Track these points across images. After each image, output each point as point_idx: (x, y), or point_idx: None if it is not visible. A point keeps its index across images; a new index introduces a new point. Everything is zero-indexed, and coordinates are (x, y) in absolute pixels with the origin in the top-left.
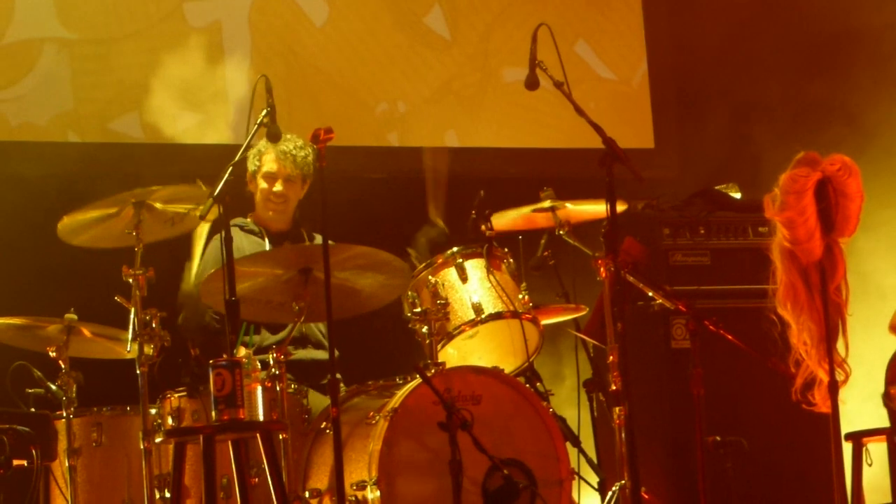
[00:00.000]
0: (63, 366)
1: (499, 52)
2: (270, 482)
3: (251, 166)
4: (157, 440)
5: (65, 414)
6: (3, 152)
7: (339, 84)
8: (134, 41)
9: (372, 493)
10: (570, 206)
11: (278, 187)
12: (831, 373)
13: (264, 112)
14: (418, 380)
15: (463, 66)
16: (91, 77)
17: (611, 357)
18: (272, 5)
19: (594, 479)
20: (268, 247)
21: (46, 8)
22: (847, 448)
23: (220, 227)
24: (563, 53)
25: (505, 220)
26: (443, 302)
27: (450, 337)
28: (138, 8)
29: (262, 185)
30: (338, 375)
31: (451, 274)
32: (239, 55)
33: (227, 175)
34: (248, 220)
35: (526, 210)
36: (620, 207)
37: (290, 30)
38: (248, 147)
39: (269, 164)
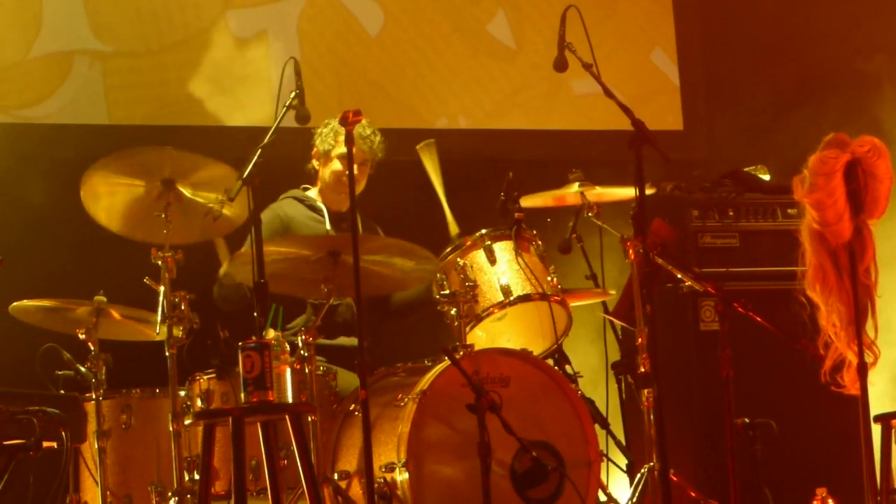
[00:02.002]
0: (92, 348)
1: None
2: (299, 464)
3: (324, 145)
4: (187, 422)
5: (94, 396)
6: (34, 134)
7: (395, 97)
8: (173, 53)
9: (401, 475)
10: (599, 189)
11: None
12: (860, 355)
13: (293, 94)
14: (447, 362)
15: (529, 76)
16: (126, 92)
17: (639, 339)
18: (323, 14)
19: (623, 461)
20: (328, 225)
21: (77, 18)
22: (876, 430)
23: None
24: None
25: (534, 200)
26: (471, 284)
27: (478, 319)
28: (177, 17)
29: (337, 166)
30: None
31: (479, 256)
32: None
33: (256, 157)
34: (310, 194)
35: (556, 193)
36: (648, 191)
37: (341, 39)
38: (277, 129)
39: (345, 147)
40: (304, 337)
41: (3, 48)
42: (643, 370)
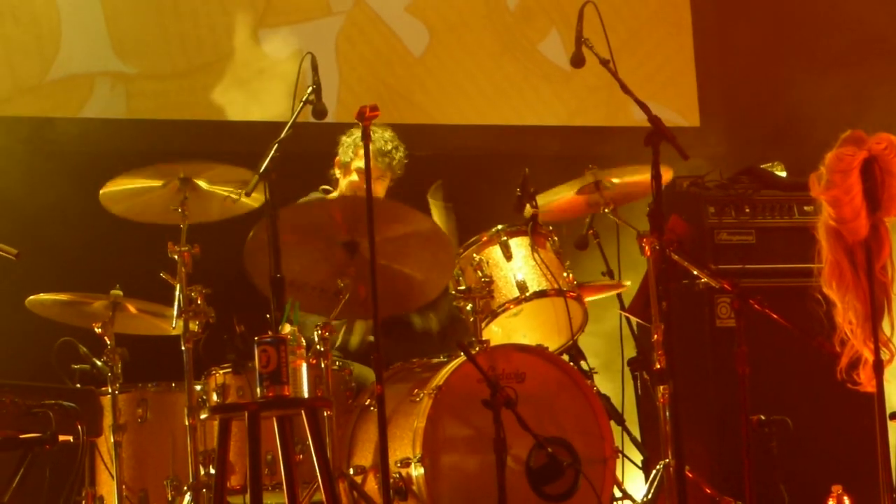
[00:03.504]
0: (108, 342)
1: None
2: (315, 459)
3: (345, 156)
4: (202, 416)
5: (110, 390)
6: (51, 127)
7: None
8: (202, 75)
9: (416, 471)
10: (615, 180)
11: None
12: (876, 352)
13: (309, 89)
14: (462, 357)
15: (585, 100)
16: (151, 116)
17: (655, 335)
18: (363, 32)
19: (638, 457)
20: None
21: (99, 38)
22: (892, 427)
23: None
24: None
25: (550, 207)
26: (487, 280)
27: (494, 315)
28: (207, 37)
29: (354, 177)
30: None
31: (495, 252)
32: (324, 89)
33: (272, 152)
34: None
35: (571, 188)
36: (666, 176)
37: (383, 60)
38: (294, 124)
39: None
40: (320, 332)
41: (18, 70)
42: (659, 366)
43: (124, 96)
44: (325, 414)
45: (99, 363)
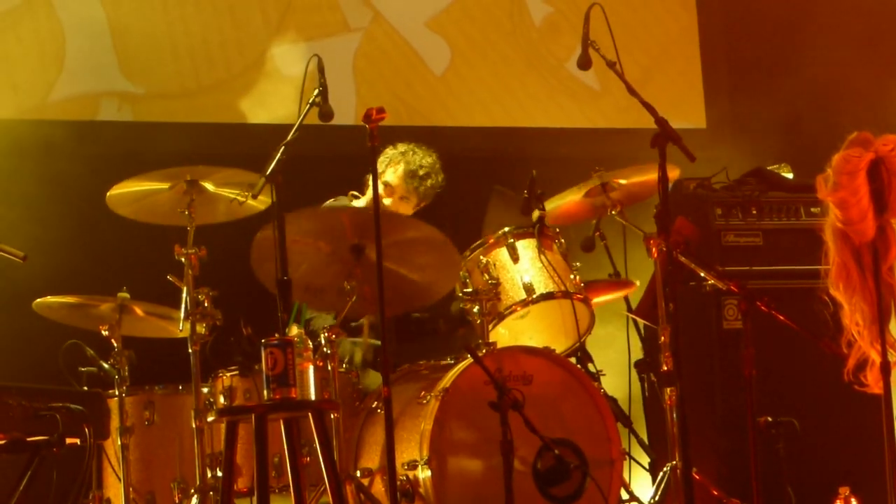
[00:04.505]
0: (115, 344)
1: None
2: (322, 461)
3: (379, 166)
4: (210, 419)
5: (117, 392)
6: (57, 129)
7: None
8: (213, 94)
9: (423, 473)
10: (622, 181)
11: (389, 201)
12: (884, 354)
13: (316, 92)
14: (469, 360)
15: (614, 120)
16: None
17: (662, 337)
18: (382, 50)
19: (645, 459)
20: None
21: (105, 56)
22: None
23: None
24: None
25: (558, 211)
26: (494, 282)
27: (501, 317)
28: (217, 55)
29: (381, 189)
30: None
31: (502, 254)
32: (340, 108)
33: (279, 154)
34: (357, 203)
35: (579, 191)
36: (672, 173)
37: (401, 78)
38: (300, 126)
39: (392, 177)
40: (327, 334)
41: (20, 89)
42: (666, 368)
43: (131, 116)
44: (332, 416)
45: (106, 366)
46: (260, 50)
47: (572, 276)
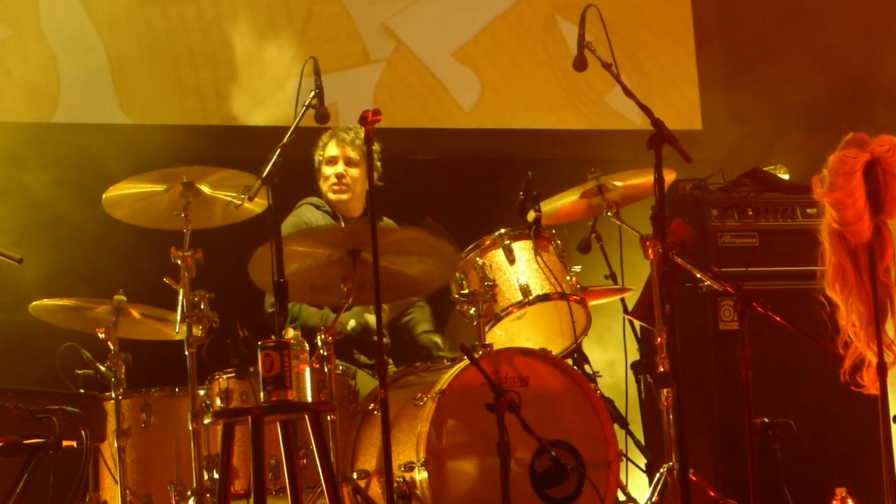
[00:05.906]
0: (112, 347)
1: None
2: (318, 463)
3: (316, 160)
4: (206, 421)
5: (114, 395)
6: (56, 133)
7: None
8: (211, 96)
9: (420, 474)
10: (618, 183)
11: (338, 168)
12: (880, 354)
13: (312, 94)
14: (466, 361)
15: (611, 122)
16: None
17: (659, 338)
18: (405, 83)
19: (642, 460)
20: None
21: (103, 89)
22: (895, 430)
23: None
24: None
25: (554, 212)
26: (490, 283)
27: (497, 318)
28: (227, 91)
29: (326, 171)
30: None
31: (498, 255)
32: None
33: (275, 156)
34: (324, 202)
35: (575, 193)
36: (668, 177)
37: (428, 114)
38: (297, 129)
39: (330, 149)
40: (323, 336)
41: (11, 123)
42: (662, 369)
43: (128, 118)
44: (329, 418)
45: (103, 368)
46: (273, 84)
47: (568, 278)
